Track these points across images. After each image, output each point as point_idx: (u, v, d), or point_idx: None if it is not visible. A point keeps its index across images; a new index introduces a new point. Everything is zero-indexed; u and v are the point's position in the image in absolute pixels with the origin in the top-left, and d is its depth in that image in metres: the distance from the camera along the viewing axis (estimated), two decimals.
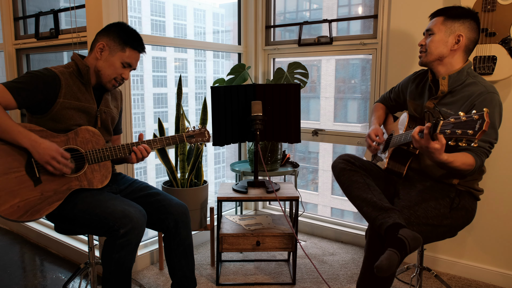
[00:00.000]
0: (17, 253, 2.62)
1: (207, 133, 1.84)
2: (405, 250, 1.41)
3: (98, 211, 1.52)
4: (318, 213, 3.00)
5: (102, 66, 1.67)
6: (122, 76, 1.70)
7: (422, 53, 1.72)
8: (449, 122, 1.29)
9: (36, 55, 2.91)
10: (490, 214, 2.19)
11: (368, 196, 1.63)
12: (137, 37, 1.71)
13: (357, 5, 3.75)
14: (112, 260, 1.51)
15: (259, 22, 3.03)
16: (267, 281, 2.23)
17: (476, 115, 1.23)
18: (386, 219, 1.51)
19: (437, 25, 1.66)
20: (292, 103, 2.24)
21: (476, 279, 2.26)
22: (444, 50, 1.64)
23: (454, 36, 1.63)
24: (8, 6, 2.83)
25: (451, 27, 1.63)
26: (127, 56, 1.68)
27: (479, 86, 1.58)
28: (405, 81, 1.94)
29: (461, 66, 1.65)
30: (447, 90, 1.64)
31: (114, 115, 1.82)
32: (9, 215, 1.47)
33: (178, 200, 1.79)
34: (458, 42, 1.63)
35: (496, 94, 1.56)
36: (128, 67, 1.71)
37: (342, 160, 1.78)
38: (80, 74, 1.66)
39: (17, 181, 1.49)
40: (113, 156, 1.65)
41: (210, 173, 7.69)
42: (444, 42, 1.64)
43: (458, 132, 1.26)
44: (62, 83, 1.60)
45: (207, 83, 8.99)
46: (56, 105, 1.58)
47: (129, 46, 1.68)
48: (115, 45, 1.67)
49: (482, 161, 1.53)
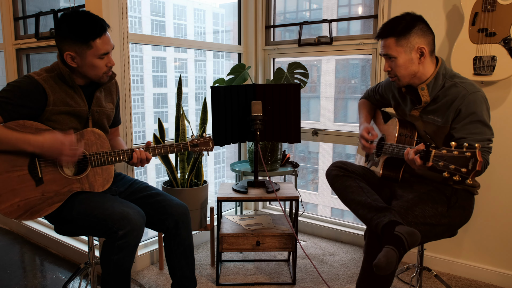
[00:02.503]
0: (17, 253, 2.62)
1: (211, 143, 1.82)
2: (403, 246, 1.41)
3: (97, 212, 1.52)
4: (318, 213, 3.00)
5: (84, 70, 1.58)
6: (107, 66, 1.60)
7: (393, 78, 1.68)
8: (441, 154, 1.29)
9: (36, 55, 2.91)
10: (489, 214, 2.19)
11: (363, 199, 1.64)
12: (90, 25, 1.53)
13: (357, 5, 3.76)
14: (111, 261, 1.51)
15: (259, 22, 3.03)
16: (267, 281, 2.23)
17: (468, 152, 1.23)
18: (381, 218, 1.52)
19: (392, 48, 1.61)
20: (292, 103, 2.24)
21: (476, 279, 2.26)
22: (413, 67, 1.61)
23: (415, 51, 1.60)
24: (8, 6, 2.83)
25: (408, 44, 1.59)
26: (97, 50, 1.54)
27: (459, 88, 1.57)
28: (386, 85, 1.92)
29: (434, 71, 1.63)
30: (430, 99, 1.64)
31: (109, 112, 1.76)
32: (8, 214, 1.47)
33: (179, 200, 1.78)
34: (423, 54, 1.60)
35: (478, 92, 1.55)
36: (107, 55, 1.59)
37: (334, 167, 1.80)
38: (64, 78, 1.59)
39: (19, 180, 1.49)
40: (116, 161, 1.64)
41: (210, 173, 7.69)
42: (410, 61, 1.61)
43: (451, 167, 1.26)
44: (48, 91, 1.53)
45: (207, 83, 9.00)
46: (45, 113, 1.54)
47: (91, 40, 1.52)
48: (80, 48, 1.53)
49: (486, 160, 1.52)
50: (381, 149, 1.80)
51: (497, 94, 2.08)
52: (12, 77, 2.89)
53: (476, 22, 2.00)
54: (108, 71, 1.63)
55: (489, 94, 2.04)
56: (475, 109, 1.52)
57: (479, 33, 1.99)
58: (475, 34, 2.00)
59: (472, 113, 1.52)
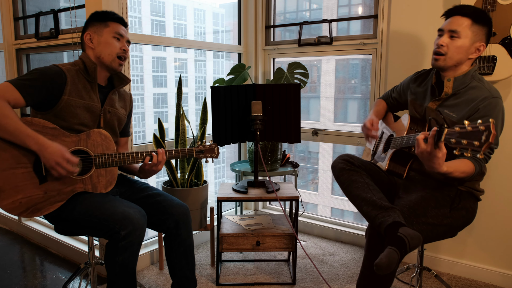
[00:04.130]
0: (17, 253, 2.62)
1: (217, 150, 1.81)
2: (405, 249, 1.41)
3: (98, 213, 1.52)
4: (318, 213, 3.00)
5: (99, 50, 1.67)
6: (122, 49, 1.70)
7: (440, 55, 1.61)
8: (454, 131, 1.26)
9: (36, 55, 2.91)
10: (490, 214, 2.19)
11: (368, 196, 1.63)
12: (112, 13, 1.72)
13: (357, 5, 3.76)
14: (116, 262, 1.51)
15: (259, 22, 3.03)
16: (267, 281, 2.23)
17: (482, 126, 1.20)
18: (385, 218, 1.51)
19: (464, 28, 1.56)
20: (292, 103, 2.24)
21: (476, 279, 2.26)
22: (464, 57, 1.59)
23: (477, 45, 1.58)
24: (8, 6, 2.83)
25: (478, 34, 1.57)
26: (113, 29, 1.68)
27: (484, 90, 1.56)
28: (406, 81, 1.92)
29: (467, 69, 1.63)
30: (451, 92, 1.63)
31: (121, 115, 1.79)
32: (10, 210, 1.47)
33: (179, 200, 1.78)
34: (479, 51, 1.58)
35: (500, 99, 1.55)
36: (122, 38, 1.71)
37: (341, 160, 1.78)
38: (87, 72, 1.65)
39: (23, 177, 1.49)
40: (120, 163, 1.64)
41: (210, 173, 7.69)
42: (466, 49, 1.58)
43: (463, 142, 1.23)
44: (68, 80, 1.59)
45: (207, 83, 9.00)
46: (61, 102, 1.57)
47: (109, 20, 1.69)
48: (98, 28, 1.68)
49: (481, 166, 1.53)
50: (389, 144, 1.80)
51: None
52: (12, 77, 2.89)
53: None
54: (121, 55, 1.70)
55: None
56: (491, 113, 1.52)
57: None
58: None
59: (487, 115, 1.52)
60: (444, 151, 1.34)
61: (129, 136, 1.94)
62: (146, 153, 1.67)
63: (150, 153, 1.68)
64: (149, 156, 1.67)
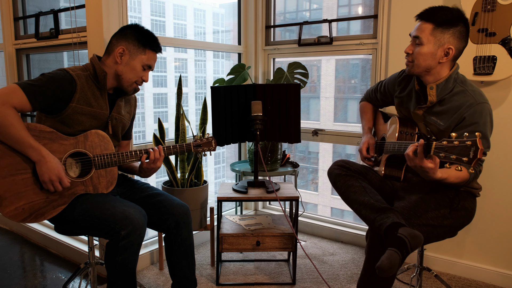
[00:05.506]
0: (17, 253, 2.62)
1: (214, 142, 1.81)
2: (406, 249, 1.41)
3: (98, 213, 1.52)
4: (318, 213, 3.00)
5: (123, 70, 1.65)
6: (142, 79, 1.70)
7: (409, 62, 1.64)
8: (442, 145, 1.27)
9: (36, 55, 2.91)
10: (489, 214, 2.19)
11: (365, 199, 1.63)
12: (154, 38, 1.69)
13: (357, 5, 3.75)
14: (116, 262, 1.51)
15: (259, 22, 3.03)
16: (267, 281, 2.23)
17: (468, 141, 1.21)
18: (384, 220, 1.51)
19: (426, 34, 1.56)
20: (292, 103, 2.24)
21: (476, 279, 2.26)
22: (432, 63, 1.58)
23: (443, 49, 1.56)
24: (8, 6, 2.83)
25: (441, 38, 1.55)
26: (147, 59, 1.67)
27: (468, 96, 1.55)
28: (390, 82, 1.90)
29: (448, 73, 1.60)
30: (436, 100, 1.62)
31: (125, 121, 1.79)
32: (13, 217, 1.46)
33: (180, 200, 1.78)
34: (447, 55, 1.56)
35: (485, 103, 1.54)
36: (148, 69, 1.70)
37: (337, 166, 1.79)
38: (97, 79, 1.63)
39: (24, 183, 1.48)
40: (120, 163, 1.64)
41: (210, 173, 7.69)
42: (433, 55, 1.56)
43: (452, 158, 1.25)
44: (78, 88, 1.57)
45: (207, 83, 9.00)
46: (68, 109, 1.56)
47: (148, 48, 1.67)
48: (135, 48, 1.65)
49: (476, 171, 1.53)
50: (382, 148, 1.80)
51: (497, 94, 2.08)
52: (12, 77, 2.89)
53: (476, 22, 2.00)
54: (139, 83, 1.71)
55: (489, 94, 2.04)
56: (478, 120, 1.51)
57: (479, 33, 1.99)
58: (475, 34, 2.00)
59: (475, 123, 1.51)
60: (437, 161, 1.35)
61: (130, 139, 1.93)
62: (144, 151, 1.67)
63: (147, 150, 1.68)
64: (146, 154, 1.67)
